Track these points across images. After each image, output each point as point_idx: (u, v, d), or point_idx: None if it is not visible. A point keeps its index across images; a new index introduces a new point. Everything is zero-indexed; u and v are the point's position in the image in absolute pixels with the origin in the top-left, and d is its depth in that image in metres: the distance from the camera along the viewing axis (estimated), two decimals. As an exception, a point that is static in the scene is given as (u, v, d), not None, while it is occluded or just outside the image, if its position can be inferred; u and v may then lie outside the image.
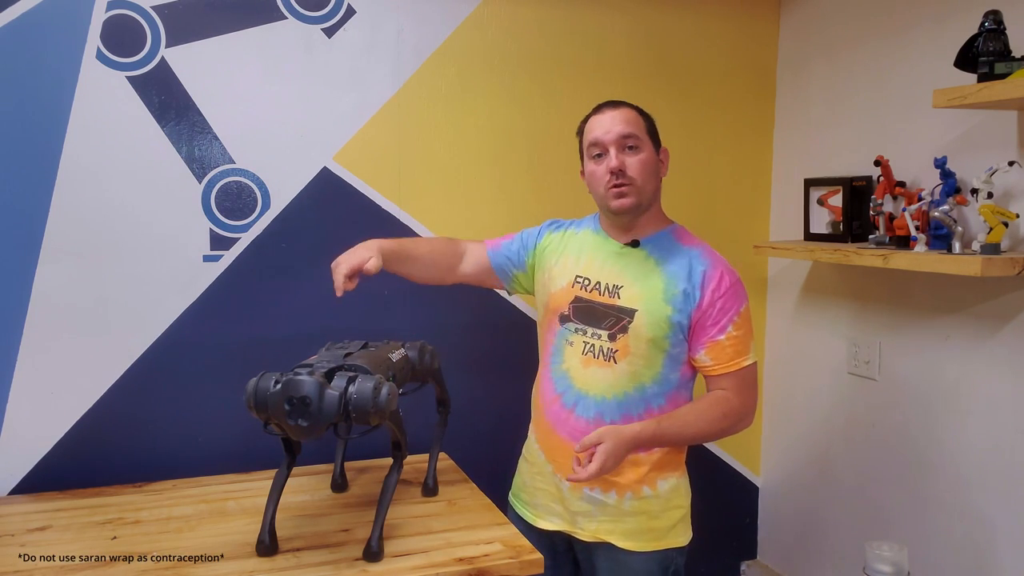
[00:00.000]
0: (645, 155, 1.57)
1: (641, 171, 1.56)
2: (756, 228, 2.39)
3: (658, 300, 1.56)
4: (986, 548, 1.78)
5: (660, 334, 1.55)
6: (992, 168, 1.63)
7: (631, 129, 1.56)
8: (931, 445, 1.90)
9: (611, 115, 1.57)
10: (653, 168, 1.59)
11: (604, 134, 1.56)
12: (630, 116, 1.58)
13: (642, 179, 1.56)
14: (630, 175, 1.55)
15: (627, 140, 1.55)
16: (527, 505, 1.73)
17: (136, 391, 1.85)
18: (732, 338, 1.56)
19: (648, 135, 1.59)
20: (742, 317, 1.58)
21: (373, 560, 1.42)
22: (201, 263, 1.89)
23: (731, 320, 1.56)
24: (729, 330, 1.56)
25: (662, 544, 1.62)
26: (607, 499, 1.60)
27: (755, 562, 2.50)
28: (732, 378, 1.58)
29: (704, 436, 1.65)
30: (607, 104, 1.61)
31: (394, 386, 1.38)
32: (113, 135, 1.79)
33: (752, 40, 2.32)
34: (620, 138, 1.55)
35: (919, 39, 1.88)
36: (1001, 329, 1.72)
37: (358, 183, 1.99)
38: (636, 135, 1.56)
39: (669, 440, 1.57)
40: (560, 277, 1.67)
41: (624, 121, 1.56)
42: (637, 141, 1.56)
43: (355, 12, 1.95)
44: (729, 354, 1.57)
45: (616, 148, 1.55)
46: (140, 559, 1.43)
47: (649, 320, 1.55)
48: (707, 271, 1.57)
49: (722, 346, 1.56)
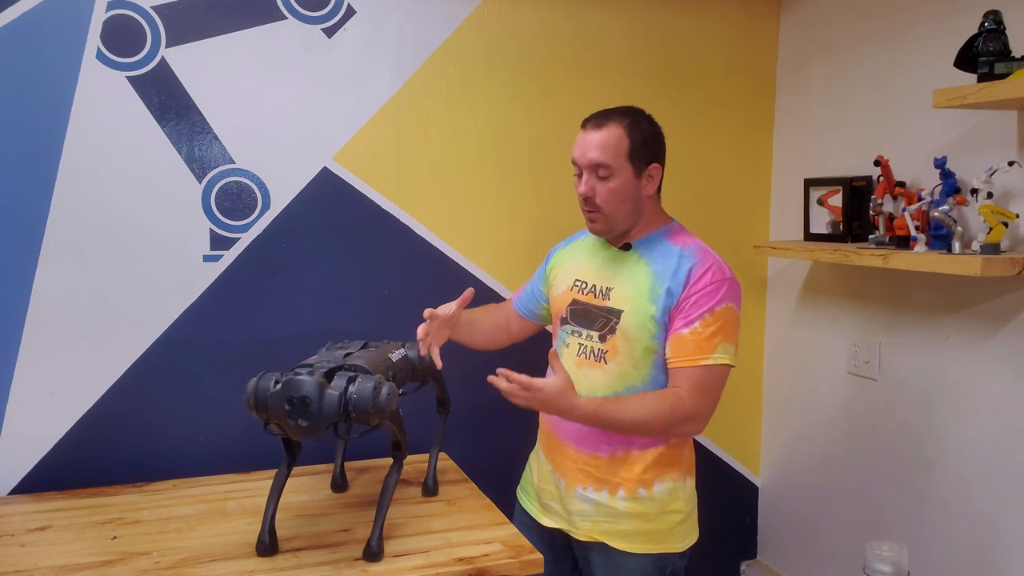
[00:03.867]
0: (616, 183, 1.53)
1: (608, 199, 1.54)
2: (756, 228, 2.39)
3: (643, 300, 1.55)
4: (986, 548, 1.78)
5: (646, 334, 1.54)
6: (992, 168, 1.63)
7: (604, 158, 1.52)
8: (931, 445, 1.90)
9: (591, 137, 1.54)
10: (625, 193, 1.55)
11: (580, 156, 1.55)
12: (609, 140, 1.52)
13: (609, 208, 1.55)
14: (597, 203, 1.55)
15: (598, 169, 1.53)
16: (532, 501, 1.75)
17: (136, 391, 1.85)
18: (696, 333, 1.50)
19: (629, 157, 1.53)
20: (716, 316, 1.50)
21: (373, 560, 1.42)
22: (201, 263, 1.89)
23: (701, 316, 1.50)
24: (695, 325, 1.50)
25: (658, 547, 1.61)
26: (600, 498, 1.60)
27: (755, 562, 2.50)
28: (686, 376, 1.50)
29: (645, 428, 1.52)
30: (593, 121, 1.56)
31: (394, 386, 1.38)
32: (113, 135, 1.79)
33: (752, 40, 2.32)
34: (591, 164, 1.53)
35: (919, 39, 1.88)
36: (1001, 329, 1.72)
37: (358, 183, 1.99)
38: (608, 164, 1.52)
39: (607, 422, 1.49)
40: (562, 282, 1.70)
41: (600, 147, 1.52)
42: (608, 171, 1.52)
43: (355, 12, 1.95)
44: (688, 348, 1.50)
45: (588, 172, 1.55)
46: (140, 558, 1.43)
47: (635, 320, 1.55)
48: (693, 268, 1.54)
49: (683, 340, 1.51)
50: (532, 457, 1.80)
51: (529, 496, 1.76)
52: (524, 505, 1.77)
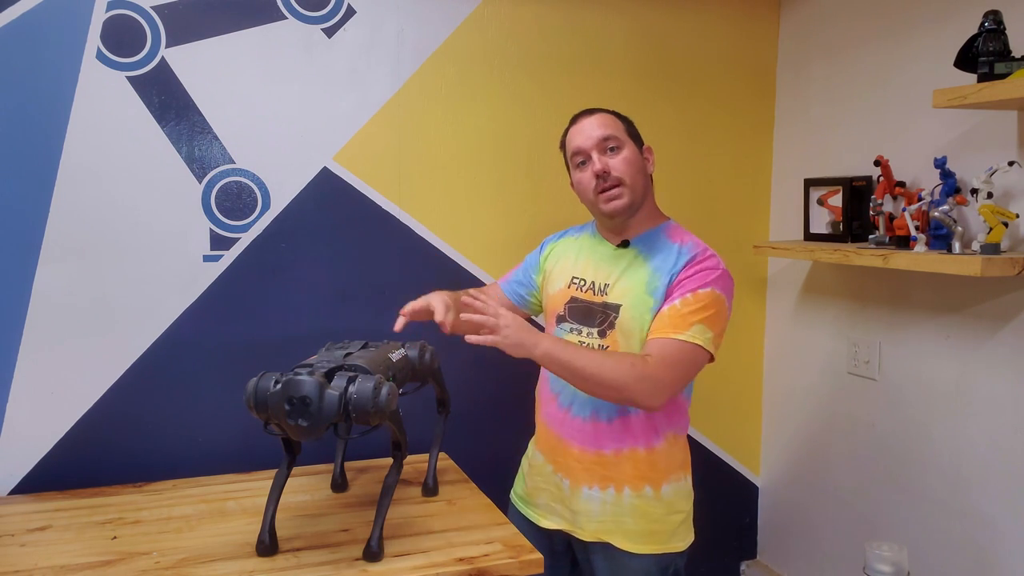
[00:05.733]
0: (627, 153, 1.58)
1: (626, 169, 1.56)
2: (756, 228, 2.39)
3: (641, 293, 1.56)
4: (986, 548, 1.78)
5: (645, 326, 1.54)
6: (992, 168, 1.63)
7: (609, 131, 1.57)
8: (931, 445, 1.90)
9: (588, 121, 1.59)
10: (638, 165, 1.59)
11: (584, 140, 1.58)
12: (606, 119, 1.59)
13: (630, 177, 1.56)
14: (616, 175, 1.56)
15: (607, 142, 1.56)
16: (528, 504, 1.74)
17: (136, 391, 1.85)
18: (674, 309, 1.49)
19: (628, 135, 1.60)
20: (699, 297, 1.49)
21: (373, 560, 1.42)
22: (201, 263, 1.89)
23: (683, 295, 1.49)
24: (675, 303, 1.49)
25: (663, 548, 1.62)
26: (607, 496, 1.60)
27: (755, 562, 2.50)
28: (657, 344, 1.47)
29: (597, 379, 1.44)
30: (582, 113, 1.62)
31: (394, 386, 1.38)
32: (113, 135, 1.79)
33: (752, 40, 2.32)
34: (600, 141, 1.56)
35: (919, 39, 1.88)
36: (1001, 329, 1.72)
37: (358, 183, 1.99)
38: (615, 136, 1.57)
39: (559, 362, 1.45)
40: (558, 279, 1.69)
41: (601, 125, 1.58)
42: (617, 141, 1.57)
43: (355, 12, 1.95)
44: (664, 324, 1.49)
45: (598, 152, 1.57)
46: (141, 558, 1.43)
47: (633, 314, 1.55)
48: (690, 260, 1.55)
49: (661, 315, 1.50)
50: (524, 460, 1.79)
51: (525, 500, 1.75)
52: (520, 509, 1.75)
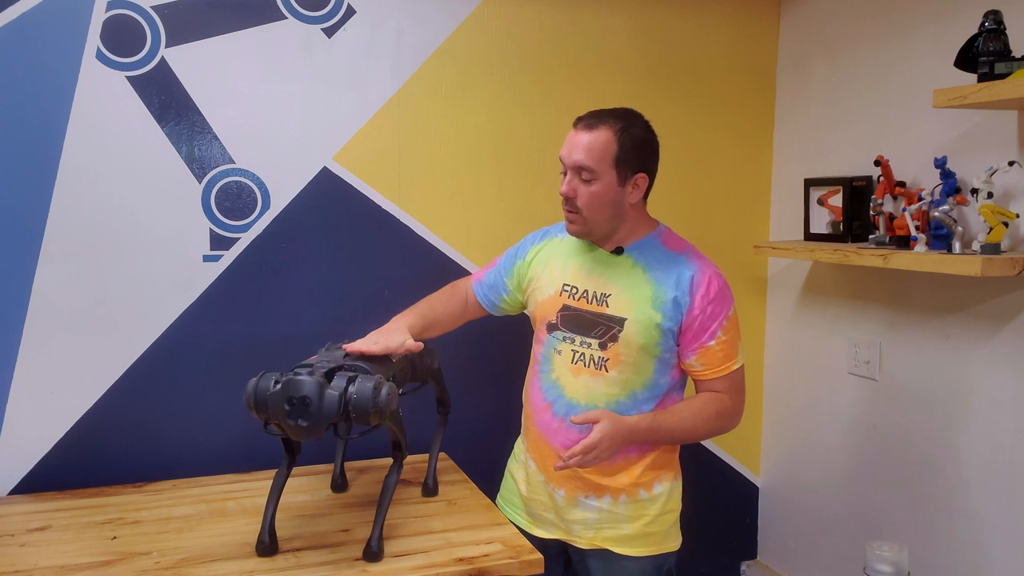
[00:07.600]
0: (598, 187, 1.51)
1: (588, 203, 1.53)
2: (756, 228, 2.39)
3: (647, 308, 1.55)
4: (986, 548, 1.78)
5: (651, 341, 1.55)
6: (992, 168, 1.63)
7: (588, 162, 1.50)
8: (931, 445, 1.90)
9: (579, 138, 1.52)
10: (607, 199, 1.53)
11: (567, 155, 1.54)
12: (596, 144, 1.50)
13: (589, 211, 1.54)
14: (578, 205, 1.54)
15: (581, 171, 1.52)
16: (519, 512, 1.72)
17: (136, 391, 1.85)
18: (721, 343, 1.56)
19: (614, 163, 1.51)
20: (730, 321, 1.57)
21: (373, 560, 1.42)
22: (201, 263, 1.88)
23: (720, 325, 1.56)
24: (719, 335, 1.56)
25: (659, 549, 1.63)
26: (602, 504, 1.60)
27: (755, 562, 2.50)
28: (724, 381, 1.59)
29: (698, 434, 1.63)
30: (584, 121, 1.54)
31: (394, 386, 1.38)
32: (113, 135, 1.79)
33: (752, 40, 2.32)
34: (576, 166, 1.52)
35: (919, 39, 1.88)
36: (1001, 329, 1.72)
37: (358, 183, 1.99)
38: (591, 168, 1.50)
39: (664, 436, 1.57)
40: (548, 286, 1.66)
41: (586, 150, 1.50)
42: (592, 175, 1.51)
43: (355, 12, 1.95)
44: (720, 358, 1.57)
45: (572, 172, 1.54)
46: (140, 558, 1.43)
47: (639, 328, 1.55)
48: (695, 276, 1.56)
49: (712, 352, 1.57)
50: (514, 466, 1.76)
51: (515, 507, 1.73)
52: (510, 517, 1.72)
